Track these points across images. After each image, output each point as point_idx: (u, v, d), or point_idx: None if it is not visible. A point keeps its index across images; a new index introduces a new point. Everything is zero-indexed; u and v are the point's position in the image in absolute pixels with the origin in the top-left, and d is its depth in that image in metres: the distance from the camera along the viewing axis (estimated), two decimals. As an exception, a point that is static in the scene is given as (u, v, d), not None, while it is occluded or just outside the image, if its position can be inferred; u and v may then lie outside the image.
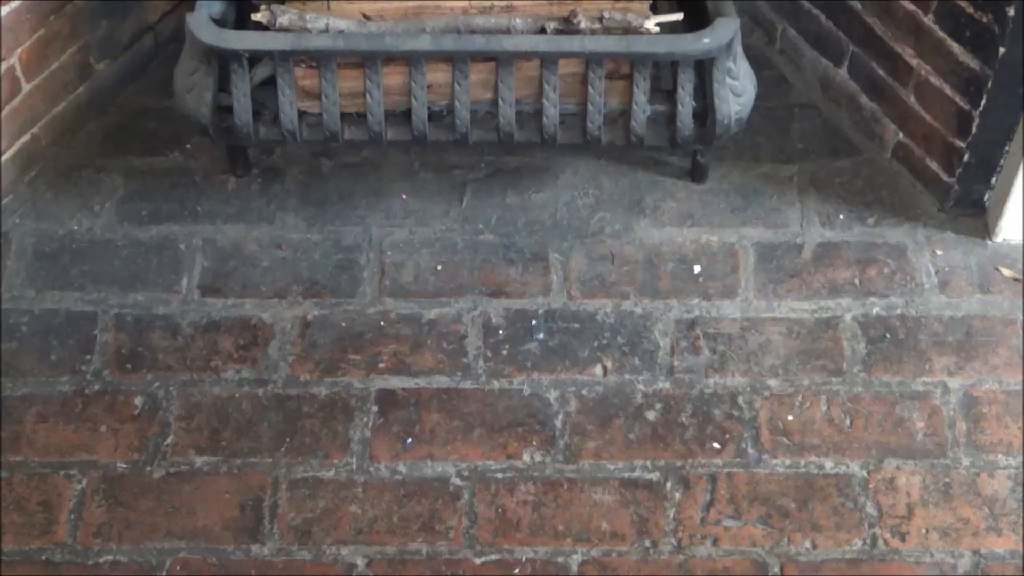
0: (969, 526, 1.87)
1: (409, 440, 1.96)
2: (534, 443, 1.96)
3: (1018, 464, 1.94)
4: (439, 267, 2.20)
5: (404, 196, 2.31)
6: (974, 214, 2.28)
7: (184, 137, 2.39)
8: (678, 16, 2.12)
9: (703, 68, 2.09)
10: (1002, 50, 2.01)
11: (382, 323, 2.11)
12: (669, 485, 1.91)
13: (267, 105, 2.14)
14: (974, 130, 2.14)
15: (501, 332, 2.10)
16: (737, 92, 2.10)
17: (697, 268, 2.20)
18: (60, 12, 2.26)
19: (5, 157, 2.26)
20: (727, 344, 2.09)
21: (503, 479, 1.92)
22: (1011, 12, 1.97)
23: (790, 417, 1.99)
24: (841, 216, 2.29)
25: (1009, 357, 2.07)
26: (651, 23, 2.06)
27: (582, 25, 2.06)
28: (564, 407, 2.01)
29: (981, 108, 2.11)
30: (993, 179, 2.23)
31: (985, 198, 2.26)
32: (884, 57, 2.27)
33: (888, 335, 2.10)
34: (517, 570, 1.82)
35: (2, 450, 1.93)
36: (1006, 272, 2.20)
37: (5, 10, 2.13)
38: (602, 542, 1.85)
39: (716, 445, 1.96)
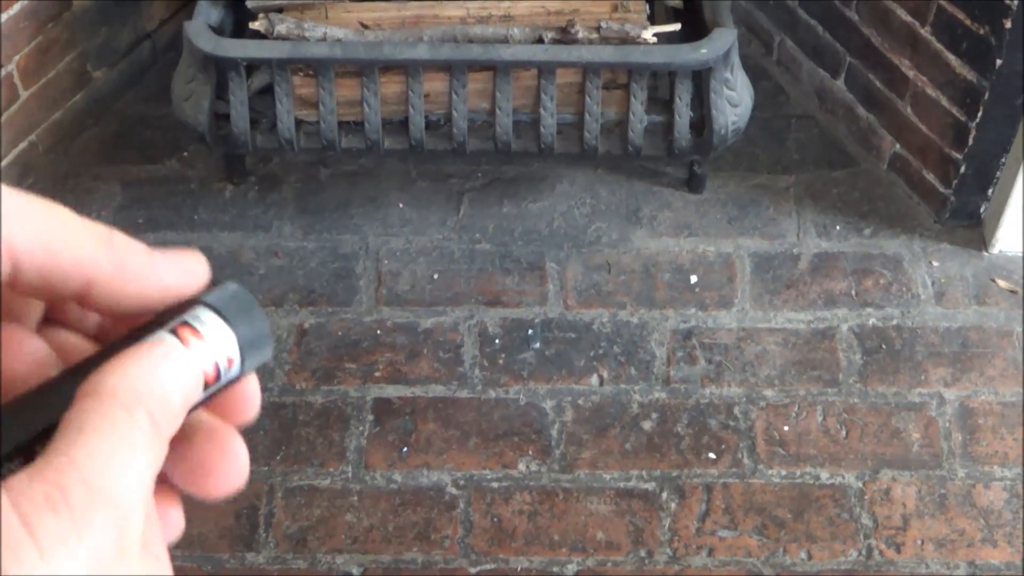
0: (965, 537, 1.87)
1: (405, 449, 1.96)
2: (530, 452, 1.96)
3: (1014, 475, 1.94)
4: (435, 276, 2.19)
5: (401, 205, 2.31)
6: (970, 225, 2.28)
7: (181, 145, 2.39)
8: (675, 26, 2.12)
9: (700, 79, 2.09)
10: (999, 62, 2.02)
11: (378, 332, 2.11)
12: (665, 495, 1.91)
13: (264, 113, 2.14)
14: (971, 142, 2.15)
15: (497, 341, 2.10)
16: (734, 103, 2.10)
17: (693, 278, 2.20)
18: (58, 19, 2.26)
19: (3, 164, 2.26)
20: (723, 354, 2.09)
21: (499, 488, 1.92)
22: (1008, 24, 1.97)
23: (786, 427, 1.99)
24: (837, 227, 2.29)
25: (1005, 368, 2.07)
26: (648, 33, 2.07)
27: (579, 35, 2.06)
28: (560, 416, 2.00)
29: (978, 120, 2.11)
30: (990, 191, 2.23)
31: (981, 210, 2.27)
32: (881, 68, 2.28)
33: (884, 346, 2.10)
34: (512, 580, 1.83)
35: None
36: (1002, 283, 2.20)
37: (3, 17, 2.13)
38: (598, 552, 1.85)
39: (712, 455, 1.96)
